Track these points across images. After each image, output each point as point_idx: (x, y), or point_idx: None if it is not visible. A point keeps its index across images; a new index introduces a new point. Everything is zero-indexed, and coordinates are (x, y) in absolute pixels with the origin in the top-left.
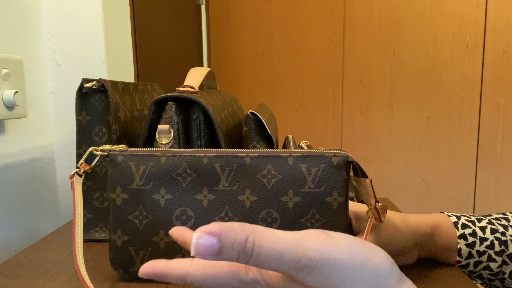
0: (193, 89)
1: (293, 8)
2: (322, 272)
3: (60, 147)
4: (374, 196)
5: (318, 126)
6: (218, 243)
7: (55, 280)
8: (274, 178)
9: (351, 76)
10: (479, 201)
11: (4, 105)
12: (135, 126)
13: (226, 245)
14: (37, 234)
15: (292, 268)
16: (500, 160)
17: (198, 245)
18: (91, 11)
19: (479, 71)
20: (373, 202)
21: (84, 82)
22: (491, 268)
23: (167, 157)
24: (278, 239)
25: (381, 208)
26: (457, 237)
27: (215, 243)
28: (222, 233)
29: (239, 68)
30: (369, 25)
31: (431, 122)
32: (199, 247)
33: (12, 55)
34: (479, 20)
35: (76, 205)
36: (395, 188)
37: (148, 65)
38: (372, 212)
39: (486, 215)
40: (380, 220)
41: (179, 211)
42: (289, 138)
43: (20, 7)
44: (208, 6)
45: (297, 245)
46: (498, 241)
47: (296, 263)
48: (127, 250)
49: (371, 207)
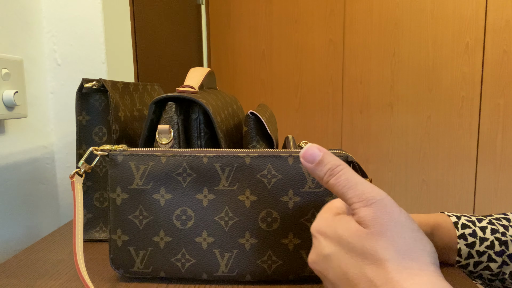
0: (193, 89)
1: (293, 8)
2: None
3: (60, 147)
4: None
5: (318, 126)
6: (321, 156)
7: (55, 280)
8: (274, 178)
9: (351, 76)
10: (479, 201)
11: (4, 105)
12: (135, 126)
13: (324, 161)
14: (37, 234)
15: (356, 197)
16: (500, 160)
17: (306, 151)
18: (91, 11)
19: (479, 71)
20: None
21: (84, 82)
22: (491, 269)
23: (167, 157)
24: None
25: None
26: (457, 237)
27: (319, 155)
28: (326, 153)
29: (239, 68)
30: (369, 25)
31: (431, 122)
32: (306, 153)
33: (12, 55)
34: (479, 20)
35: (77, 205)
36: (395, 188)
37: (148, 65)
38: None
39: (487, 215)
40: None
41: (179, 211)
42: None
43: (20, 7)
44: (208, 6)
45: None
46: (499, 242)
47: (361, 195)
48: (127, 250)
49: None
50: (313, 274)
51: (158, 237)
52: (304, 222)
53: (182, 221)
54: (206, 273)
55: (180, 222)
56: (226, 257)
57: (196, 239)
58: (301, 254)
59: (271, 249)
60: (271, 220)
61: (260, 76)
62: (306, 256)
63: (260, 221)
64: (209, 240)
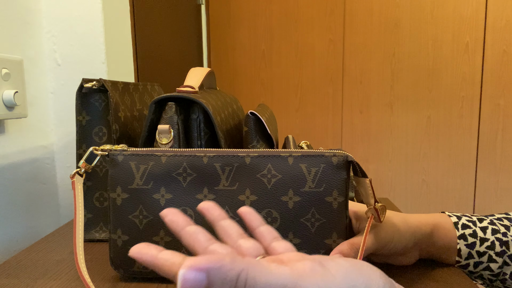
0: (193, 89)
1: (293, 8)
2: None
3: (60, 147)
4: (374, 196)
5: (318, 126)
6: (207, 279)
7: (55, 280)
8: (274, 178)
9: (351, 76)
10: (479, 201)
11: (4, 105)
12: (135, 126)
13: (215, 282)
14: (37, 234)
15: None
16: (500, 160)
17: (184, 282)
18: (91, 11)
19: (479, 71)
20: (372, 202)
21: (84, 82)
22: (492, 269)
23: (168, 157)
24: (273, 277)
25: (380, 208)
26: (457, 237)
27: (203, 279)
28: (211, 268)
29: (239, 68)
30: (369, 25)
31: (431, 122)
32: (185, 284)
33: (12, 55)
34: (479, 20)
35: (77, 205)
36: (395, 188)
37: (148, 65)
38: (372, 212)
39: (488, 215)
40: (379, 220)
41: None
42: (289, 138)
43: (20, 7)
44: (208, 6)
45: (293, 283)
46: (499, 242)
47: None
48: (127, 250)
49: (370, 207)
50: None
51: (158, 237)
52: (304, 222)
53: None
54: None
55: None
56: None
57: None
58: None
59: None
60: (271, 220)
61: (260, 76)
62: None
63: None
64: None
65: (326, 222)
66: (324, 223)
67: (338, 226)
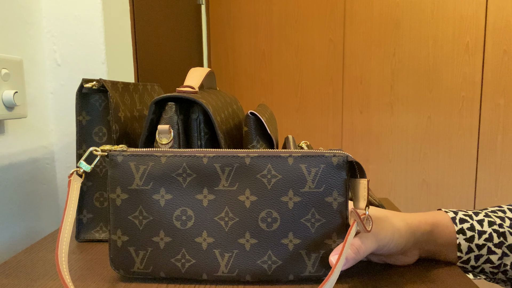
0: (193, 89)
1: (293, 8)
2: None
3: (60, 147)
4: (367, 199)
5: (318, 126)
6: None
7: (55, 280)
8: (274, 178)
9: (351, 76)
10: (479, 201)
11: (4, 105)
12: (135, 126)
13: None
14: (37, 234)
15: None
16: (500, 160)
17: None
18: (91, 11)
19: (479, 71)
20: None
21: (84, 82)
22: (492, 261)
23: (167, 157)
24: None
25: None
26: (456, 232)
27: None
28: None
29: (239, 68)
30: (369, 25)
31: (431, 122)
32: None
33: (12, 55)
34: (479, 20)
35: (69, 203)
36: (395, 188)
37: (148, 65)
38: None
39: (482, 209)
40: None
41: (179, 211)
42: (289, 138)
43: (20, 7)
44: (208, 6)
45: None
46: (496, 233)
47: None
48: (127, 250)
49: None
50: (313, 274)
51: (158, 237)
52: (304, 222)
53: (182, 222)
54: (206, 274)
55: (180, 223)
56: (226, 257)
57: (196, 240)
58: (301, 254)
59: (271, 249)
60: (271, 220)
61: (260, 76)
62: (306, 256)
63: (260, 221)
64: (209, 240)
65: (326, 222)
66: (324, 223)
67: (338, 227)
